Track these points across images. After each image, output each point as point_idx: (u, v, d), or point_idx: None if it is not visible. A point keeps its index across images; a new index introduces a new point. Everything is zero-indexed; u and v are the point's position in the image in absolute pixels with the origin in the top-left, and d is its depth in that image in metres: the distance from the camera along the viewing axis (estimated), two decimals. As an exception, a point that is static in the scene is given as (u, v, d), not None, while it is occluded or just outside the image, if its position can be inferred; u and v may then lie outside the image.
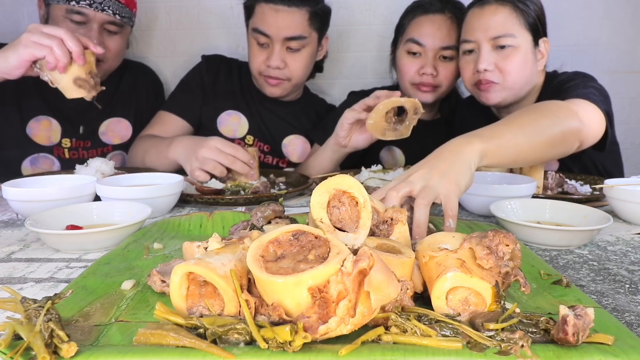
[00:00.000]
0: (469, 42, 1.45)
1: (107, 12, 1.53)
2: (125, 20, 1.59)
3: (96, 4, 1.50)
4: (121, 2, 1.56)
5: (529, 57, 1.43)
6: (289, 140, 1.80)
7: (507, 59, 1.41)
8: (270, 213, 0.77)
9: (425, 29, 1.59)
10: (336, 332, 0.47)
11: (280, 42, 1.60)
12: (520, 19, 1.41)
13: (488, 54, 1.41)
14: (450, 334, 0.50)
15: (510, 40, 1.40)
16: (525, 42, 1.42)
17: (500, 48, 1.41)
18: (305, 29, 1.62)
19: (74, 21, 1.50)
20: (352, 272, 0.47)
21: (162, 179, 1.21)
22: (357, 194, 0.59)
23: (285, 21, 1.58)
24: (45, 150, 1.65)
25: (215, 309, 0.53)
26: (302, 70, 1.69)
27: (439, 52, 1.59)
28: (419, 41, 1.59)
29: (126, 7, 1.58)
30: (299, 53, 1.64)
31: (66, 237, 0.84)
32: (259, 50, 1.64)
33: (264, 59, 1.64)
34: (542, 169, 1.28)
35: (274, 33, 1.59)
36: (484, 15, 1.43)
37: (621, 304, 0.65)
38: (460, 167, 0.90)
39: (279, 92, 1.72)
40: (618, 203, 1.07)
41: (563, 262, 0.82)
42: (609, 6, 2.00)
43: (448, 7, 1.59)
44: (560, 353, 0.47)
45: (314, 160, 1.59)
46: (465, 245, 0.58)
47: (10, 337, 0.47)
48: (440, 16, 1.58)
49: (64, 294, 0.56)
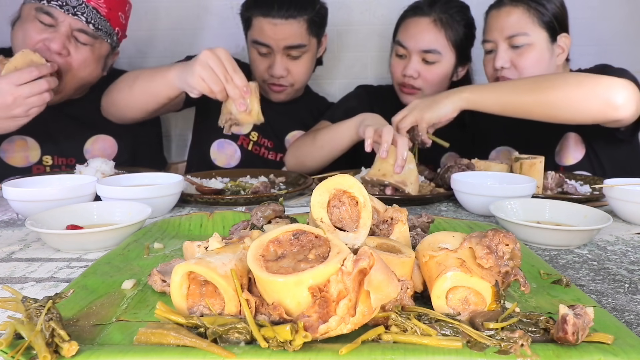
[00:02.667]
0: (489, 42, 1.55)
1: (79, 18, 1.39)
2: (100, 33, 1.44)
3: (68, 7, 1.37)
4: (100, 13, 1.42)
5: (544, 53, 1.50)
6: (292, 136, 1.81)
7: (521, 56, 1.49)
8: (270, 213, 0.77)
9: (409, 31, 1.61)
10: (336, 331, 0.47)
11: (281, 51, 1.62)
12: (534, 18, 1.48)
13: (504, 53, 1.50)
14: (450, 333, 0.50)
15: (524, 39, 1.48)
16: (540, 39, 1.49)
17: (516, 47, 1.49)
18: (304, 38, 1.63)
19: (43, 22, 1.39)
20: (353, 271, 0.47)
21: (162, 179, 1.21)
22: (358, 194, 0.59)
23: (284, 33, 1.59)
24: (23, 172, 1.50)
25: (216, 308, 0.53)
26: (304, 75, 1.71)
27: (421, 54, 1.60)
28: (402, 44, 1.62)
29: (105, 21, 1.44)
30: (300, 59, 1.66)
31: (66, 237, 0.85)
32: (260, 59, 1.65)
33: (266, 67, 1.65)
34: (542, 169, 1.28)
35: (274, 44, 1.60)
36: (500, 16, 1.52)
37: (621, 304, 0.65)
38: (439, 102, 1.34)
39: (282, 98, 1.74)
40: (618, 203, 1.07)
41: (563, 261, 0.82)
42: (609, 6, 2.00)
43: (435, 9, 1.59)
44: (560, 352, 0.47)
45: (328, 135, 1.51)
46: (465, 244, 0.59)
47: (11, 337, 0.47)
48: (426, 19, 1.59)
49: (65, 294, 0.56)
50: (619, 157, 1.55)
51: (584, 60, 1.69)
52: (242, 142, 1.79)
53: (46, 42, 1.39)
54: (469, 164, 1.33)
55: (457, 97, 1.34)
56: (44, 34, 1.40)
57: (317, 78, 1.94)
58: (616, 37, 2.02)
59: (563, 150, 1.61)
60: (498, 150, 1.72)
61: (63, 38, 1.40)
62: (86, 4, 1.40)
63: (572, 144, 1.59)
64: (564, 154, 1.60)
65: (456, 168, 1.31)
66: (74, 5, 1.38)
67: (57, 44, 1.39)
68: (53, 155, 1.59)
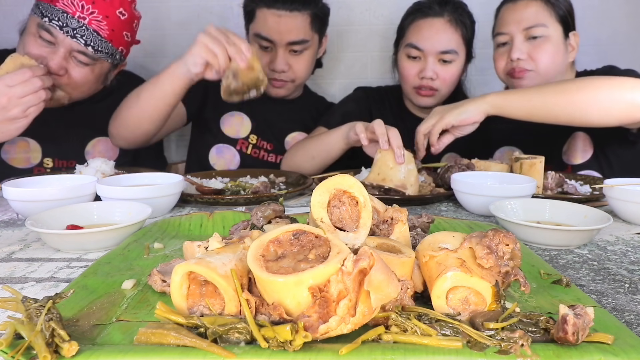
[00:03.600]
0: (503, 34, 1.55)
1: (78, 41, 1.38)
2: (101, 55, 1.43)
3: (68, 29, 1.37)
4: (101, 35, 1.40)
5: (560, 47, 1.52)
6: (292, 138, 1.81)
7: (539, 47, 1.49)
8: (270, 213, 0.77)
9: (424, 33, 1.60)
10: (336, 331, 0.47)
11: (284, 46, 1.62)
12: (551, 11, 1.50)
13: (521, 44, 1.50)
14: (451, 333, 0.50)
15: (542, 30, 1.49)
16: (557, 33, 1.50)
17: (533, 38, 1.50)
18: (307, 33, 1.63)
19: (43, 38, 1.39)
20: (353, 271, 0.47)
21: (162, 179, 1.21)
22: (358, 194, 0.59)
23: (288, 26, 1.59)
24: (24, 174, 1.49)
25: (216, 308, 0.53)
26: (305, 71, 1.71)
27: (438, 56, 1.60)
28: (417, 46, 1.61)
29: (107, 42, 1.42)
30: (302, 55, 1.66)
31: (67, 236, 0.85)
32: (261, 53, 1.65)
33: (267, 62, 1.64)
34: (542, 169, 1.28)
35: (277, 38, 1.60)
36: (517, 9, 1.52)
37: (621, 304, 0.65)
38: (462, 106, 1.34)
39: (283, 93, 1.74)
40: (618, 203, 1.07)
41: (563, 261, 0.82)
42: (609, 6, 2.00)
43: (447, 9, 1.60)
44: (560, 352, 0.47)
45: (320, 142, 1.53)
46: (465, 244, 0.59)
47: (11, 337, 0.47)
48: (440, 20, 1.59)
49: (65, 294, 0.56)
50: (628, 158, 1.55)
51: (585, 60, 1.70)
52: (241, 147, 1.78)
53: (44, 61, 1.39)
54: (469, 164, 1.33)
55: (482, 101, 1.32)
56: (43, 51, 1.40)
57: (316, 78, 1.94)
58: (616, 37, 2.02)
59: (571, 149, 1.62)
60: (502, 150, 1.72)
61: (60, 59, 1.40)
62: (87, 27, 1.38)
63: (580, 143, 1.60)
64: (572, 153, 1.61)
65: (456, 168, 1.31)
66: (74, 28, 1.37)
67: (54, 64, 1.40)
68: (54, 158, 1.60)
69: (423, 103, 1.68)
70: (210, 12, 2.02)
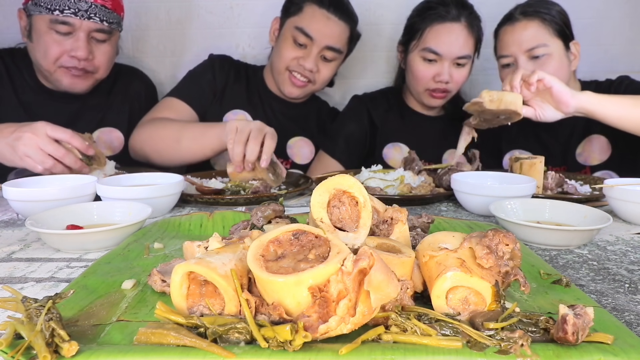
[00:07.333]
0: (506, 56, 1.58)
1: (94, 20, 1.45)
2: (114, 26, 1.52)
3: (82, 12, 1.42)
4: (108, 7, 1.48)
5: (563, 61, 1.56)
6: (294, 142, 1.81)
7: (542, 66, 1.51)
8: (270, 213, 0.77)
9: (443, 38, 1.61)
10: (336, 331, 0.47)
11: (320, 48, 1.63)
12: (549, 29, 1.53)
13: (525, 65, 1.54)
14: (450, 333, 0.50)
15: (543, 50, 1.52)
16: (558, 48, 1.54)
17: (535, 58, 1.53)
18: (343, 44, 1.67)
19: (59, 32, 1.43)
20: (352, 271, 0.47)
21: (162, 179, 1.21)
22: (358, 194, 0.59)
23: (332, 30, 1.62)
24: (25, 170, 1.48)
25: (216, 308, 0.53)
26: (326, 80, 1.74)
27: (454, 60, 1.63)
28: (436, 51, 1.62)
29: (113, 12, 1.50)
30: (330, 63, 1.69)
31: (67, 236, 0.85)
32: (293, 47, 1.65)
33: (297, 56, 1.65)
34: (542, 169, 1.28)
35: (318, 37, 1.61)
36: (515, 31, 1.56)
37: (621, 304, 0.65)
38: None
39: (298, 93, 1.73)
40: (618, 203, 1.07)
41: (563, 261, 0.82)
42: (610, 7, 2.00)
43: (464, 14, 1.61)
44: (559, 352, 0.47)
45: None
46: (465, 244, 0.59)
47: (11, 337, 0.47)
48: (458, 25, 1.61)
49: (65, 294, 0.56)
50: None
51: (585, 61, 1.70)
52: None
53: (71, 53, 1.45)
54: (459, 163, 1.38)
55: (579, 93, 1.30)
56: (64, 44, 1.45)
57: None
58: (617, 38, 2.02)
59: (587, 151, 1.64)
60: (512, 153, 1.72)
61: (85, 43, 1.46)
62: (95, 4, 1.44)
63: (596, 145, 1.63)
64: (589, 155, 1.64)
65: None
66: (86, 9, 1.43)
67: (82, 51, 1.45)
68: None
69: (434, 104, 1.71)
70: (210, 12, 2.02)
